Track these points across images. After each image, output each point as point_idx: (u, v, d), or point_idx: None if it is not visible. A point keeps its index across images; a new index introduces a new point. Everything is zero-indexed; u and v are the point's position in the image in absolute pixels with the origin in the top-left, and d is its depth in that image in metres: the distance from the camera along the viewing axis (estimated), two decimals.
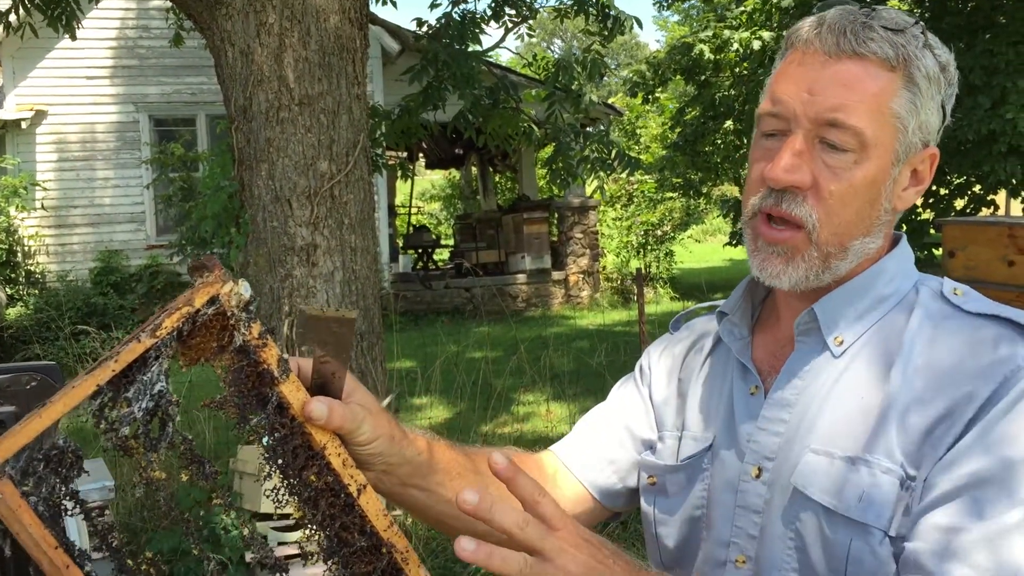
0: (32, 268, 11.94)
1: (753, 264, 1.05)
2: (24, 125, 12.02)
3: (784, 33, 1.09)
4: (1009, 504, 0.88)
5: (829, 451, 0.99)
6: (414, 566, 0.89)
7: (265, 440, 0.86)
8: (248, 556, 3.60)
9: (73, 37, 5.68)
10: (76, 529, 2.05)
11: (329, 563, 0.88)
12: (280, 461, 0.86)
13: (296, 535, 3.66)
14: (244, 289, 0.82)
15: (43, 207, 12.17)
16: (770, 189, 1.00)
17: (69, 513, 0.75)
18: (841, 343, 1.04)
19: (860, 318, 1.04)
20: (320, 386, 0.90)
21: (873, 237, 1.03)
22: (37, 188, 11.99)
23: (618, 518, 1.28)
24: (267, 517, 3.68)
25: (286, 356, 0.86)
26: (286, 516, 3.72)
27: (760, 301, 1.17)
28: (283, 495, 0.87)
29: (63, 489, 0.74)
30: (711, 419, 1.13)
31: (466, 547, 0.73)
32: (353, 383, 0.94)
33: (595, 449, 1.23)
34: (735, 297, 1.15)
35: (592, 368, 7.83)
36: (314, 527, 0.87)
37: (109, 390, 0.75)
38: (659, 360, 1.26)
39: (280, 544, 3.50)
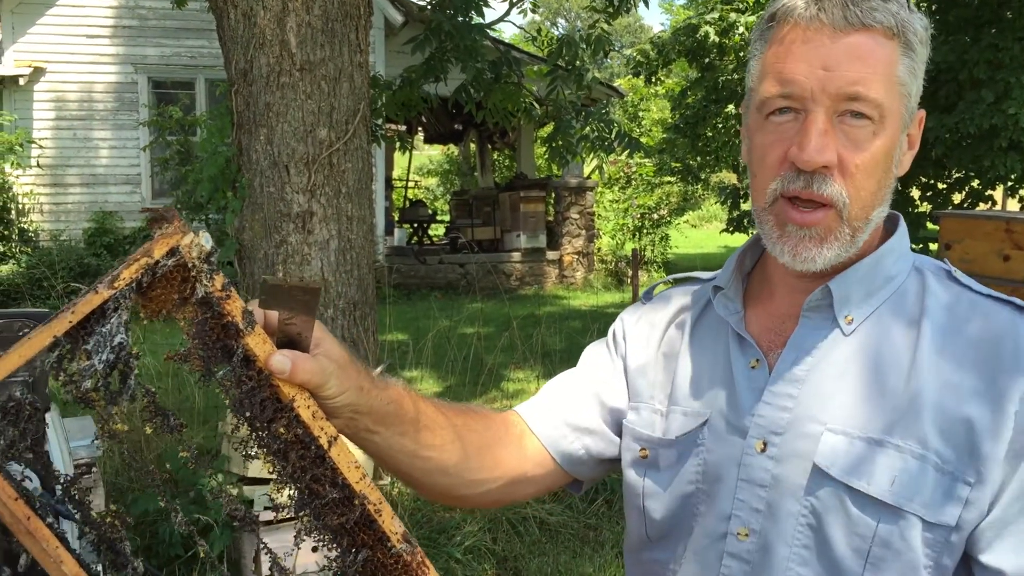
0: (26, 226, 11.87)
1: (782, 251, 1.02)
2: (22, 82, 11.92)
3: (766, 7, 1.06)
4: None
5: (847, 431, 0.99)
6: (387, 518, 0.88)
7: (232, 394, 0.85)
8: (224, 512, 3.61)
9: None
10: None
11: (301, 515, 0.87)
12: (248, 413, 0.85)
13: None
14: (205, 240, 0.80)
15: (39, 165, 12.09)
16: (798, 171, 0.98)
17: (28, 467, 0.73)
18: (851, 321, 1.03)
19: (869, 297, 1.04)
20: (286, 344, 0.89)
21: (885, 206, 1.04)
22: (33, 146, 11.91)
23: (579, 486, 1.27)
24: (255, 481, 3.68)
25: (251, 308, 0.84)
26: (269, 481, 3.72)
27: (747, 275, 1.16)
28: (252, 447, 0.85)
29: (22, 442, 0.73)
30: (705, 393, 1.11)
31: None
32: (321, 333, 0.92)
33: (561, 414, 1.22)
34: (728, 271, 1.14)
35: (583, 347, 7.82)
36: (285, 479, 0.86)
37: (67, 342, 0.74)
38: (635, 327, 1.25)
39: (266, 508, 3.50)
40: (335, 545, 0.89)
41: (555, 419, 1.22)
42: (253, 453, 0.85)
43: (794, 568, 1.00)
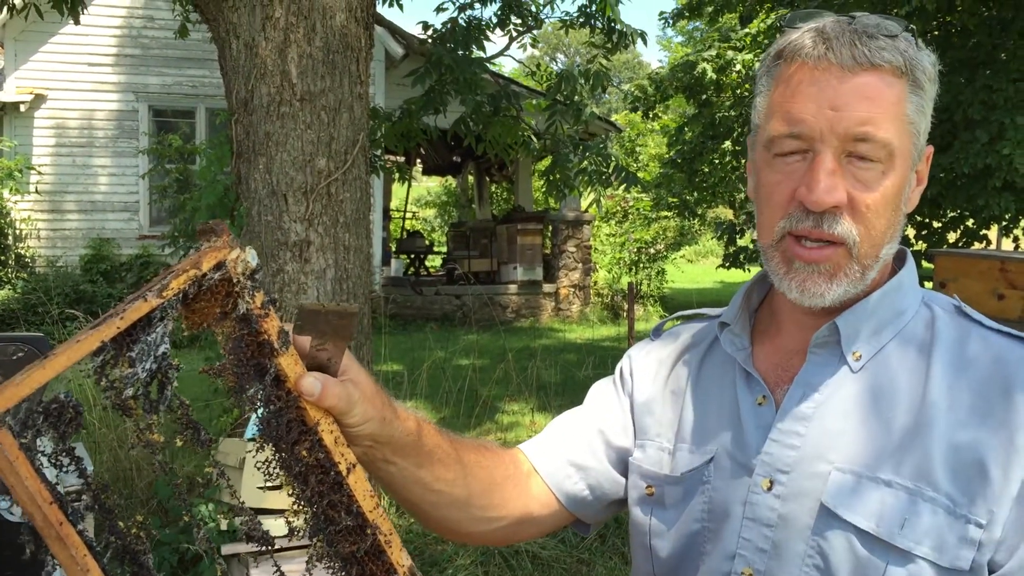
0: (22, 252, 11.87)
1: (790, 287, 1.01)
2: (23, 108, 11.99)
3: (770, 48, 1.05)
4: None
5: (856, 470, 0.97)
6: (396, 550, 0.88)
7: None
8: (228, 532, 3.57)
9: (77, 21, 5.66)
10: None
11: (314, 540, 0.88)
12: (274, 433, 0.86)
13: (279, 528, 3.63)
14: (251, 257, 0.81)
15: (37, 191, 12.11)
16: (806, 211, 0.97)
17: (64, 470, 0.74)
18: (859, 358, 1.02)
19: (877, 333, 1.03)
20: (315, 369, 0.89)
21: (895, 242, 1.03)
22: (32, 172, 11.94)
23: (586, 527, 1.25)
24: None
25: (287, 329, 0.85)
26: (268, 511, 3.69)
27: (754, 311, 1.15)
28: (274, 467, 0.86)
29: (61, 445, 0.73)
30: (712, 430, 1.10)
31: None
32: (349, 361, 0.92)
33: (565, 453, 1.21)
34: (735, 307, 1.13)
35: (579, 381, 7.82)
36: (302, 502, 0.87)
37: (112, 348, 0.74)
38: (642, 364, 1.24)
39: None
40: (344, 573, 0.89)
41: (559, 458, 1.20)
42: (274, 474, 0.87)
43: None
